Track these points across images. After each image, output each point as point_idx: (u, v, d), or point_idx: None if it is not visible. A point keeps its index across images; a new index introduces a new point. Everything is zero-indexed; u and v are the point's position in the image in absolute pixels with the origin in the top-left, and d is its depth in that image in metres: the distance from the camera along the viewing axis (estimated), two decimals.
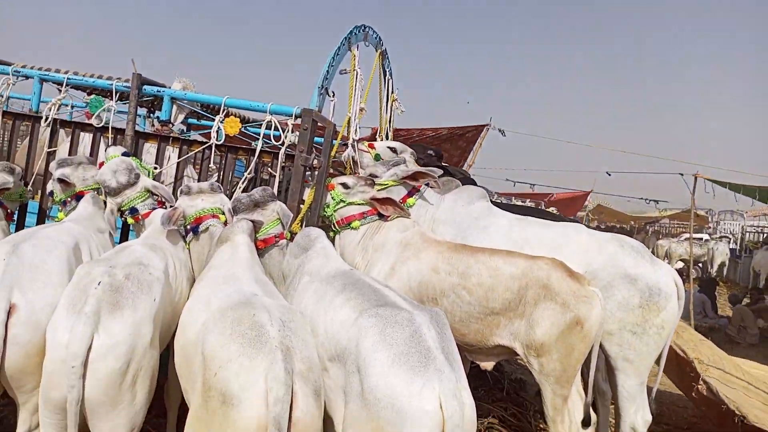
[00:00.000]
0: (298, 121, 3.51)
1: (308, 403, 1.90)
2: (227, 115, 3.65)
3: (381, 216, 3.34)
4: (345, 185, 3.33)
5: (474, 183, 4.61)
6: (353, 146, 3.95)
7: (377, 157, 4.04)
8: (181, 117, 4.35)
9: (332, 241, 3.43)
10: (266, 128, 3.53)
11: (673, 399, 5.89)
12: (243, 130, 3.84)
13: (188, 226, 3.22)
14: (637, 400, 3.35)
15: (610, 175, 12.08)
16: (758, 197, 8.49)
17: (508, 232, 3.54)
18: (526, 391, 5.06)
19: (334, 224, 3.42)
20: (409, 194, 3.68)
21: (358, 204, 3.35)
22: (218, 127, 3.54)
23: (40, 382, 2.26)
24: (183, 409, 2.47)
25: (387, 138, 5.30)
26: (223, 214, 3.22)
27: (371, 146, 4.13)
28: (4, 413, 3.20)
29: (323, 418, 2.08)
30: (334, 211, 3.38)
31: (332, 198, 3.37)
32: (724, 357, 4.83)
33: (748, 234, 21.10)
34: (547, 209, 18.32)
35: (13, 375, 2.35)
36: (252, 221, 3.06)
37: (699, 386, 4.33)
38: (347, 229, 3.37)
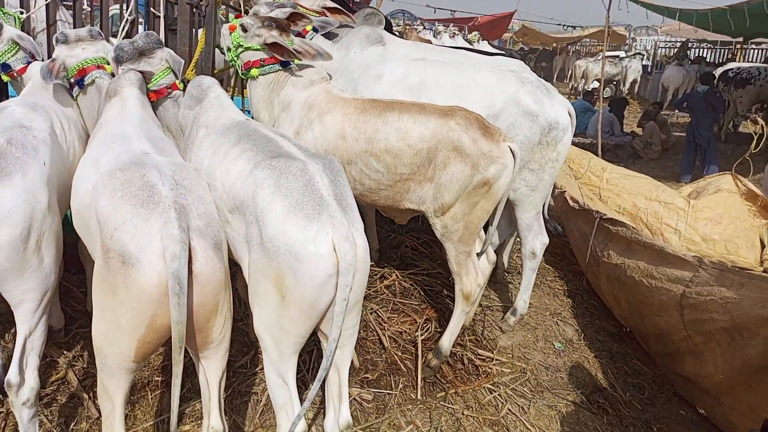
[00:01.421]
0: None
1: (208, 257, 1.97)
2: None
3: (286, 64, 3.03)
4: (243, 27, 2.99)
5: (387, 21, 4.35)
6: None
7: None
8: None
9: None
10: None
11: None
12: None
13: (72, 80, 2.97)
14: (534, 228, 3.64)
15: None
16: (666, 14, 8.60)
17: (403, 79, 3.37)
18: None
19: (239, 70, 3.14)
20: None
21: (255, 49, 3.01)
22: None
23: None
24: None
25: None
26: (109, 64, 2.97)
27: None
28: None
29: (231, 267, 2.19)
30: (236, 56, 3.08)
31: (232, 42, 3.06)
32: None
33: (661, 50, 21.71)
34: (470, 34, 17.93)
35: None
36: (140, 72, 2.85)
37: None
38: (250, 79, 3.10)
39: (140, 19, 3.74)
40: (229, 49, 3.11)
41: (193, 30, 3.26)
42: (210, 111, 2.69)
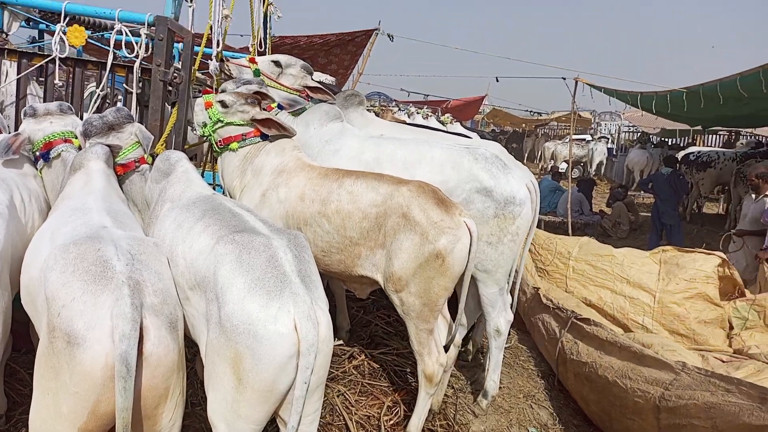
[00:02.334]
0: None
1: (161, 336, 1.87)
2: (70, 23, 3.23)
3: (265, 137, 3.12)
4: (223, 103, 3.07)
5: (357, 96, 4.48)
6: (225, 60, 3.66)
7: (256, 72, 3.79)
8: (16, 26, 3.81)
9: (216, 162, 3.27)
10: (116, 38, 3.17)
11: None
12: (93, 41, 3.43)
13: (37, 153, 2.95)
14: (498, 304, 3.58)
15: (498, 80, 12.33)
16: (630, 101, 9.05)
17: (358, 155, 3.45)
18: None
19: (214, 145, 3.19)
20: None
21: (237, 124, 3.09)
22: (60, 38, 3.13)
23: None
24: None
25: (264, 48, 4.98)
26: (77, 138, 2.96)
27: (252, 60, 3.86)
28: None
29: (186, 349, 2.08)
30: (213, 131, 3.13)
31: (210, 117, 3.11)
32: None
33: (624, 134, 22.75)
34: (443, 115, 18.61)
35: None
36: (108, 146, 2.84)
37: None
38: (227, 151, 3.15)
39: (119, 96, 3.79)
40: (204, 125, 3.15)
41: (166, 106, 3.28)
42: (176, 185, 2.66)
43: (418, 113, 14.75)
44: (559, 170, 14.27)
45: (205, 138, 3.27)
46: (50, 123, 2.95)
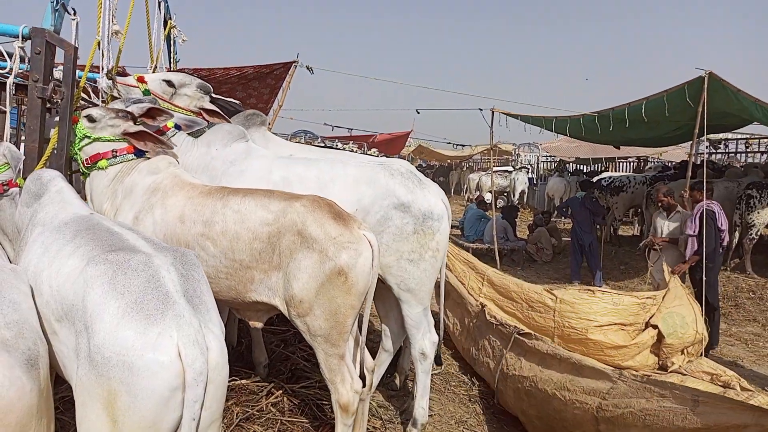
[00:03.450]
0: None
1: (15, 377, 1.57)
2: None
3: (140, 154, 2.86)
4: (90, 118, 2.79)
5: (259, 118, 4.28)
6: (110, 78, 3.39)
7: (146, 92, 3.53)
8: None
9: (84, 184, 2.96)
10: None
11: None
12: None
13: None
14: (423, 325, 3.42)
15: (419, 113, 12.48)
16: (545, 126, 9.34)
17: (266, 175, 3.25)
18: None
19: (81, 165, 2.90)
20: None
21: (107, 140, 2.82)
22: None
23: None
24: None
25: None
26: None
27: (140, 79, 3.59)
28: None
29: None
30: (79, 149, 2.85)
31: (76, 134, 2.83)
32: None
33: (543, 164, 23.72)
34: (369, 150, 18.70)
35: None
36: None
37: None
38: (95, 170, 2.86)
39: None
40: (72, 143, 2.86)
41: (45, 125, 2.96)
42: (49, 207, 2.35)
43: (343, 148, 14.73)
44: (484, 199, 14.57)
45: (72, 157, 2.97)
46: None
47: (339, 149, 5.61)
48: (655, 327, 4.42)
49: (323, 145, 16.21)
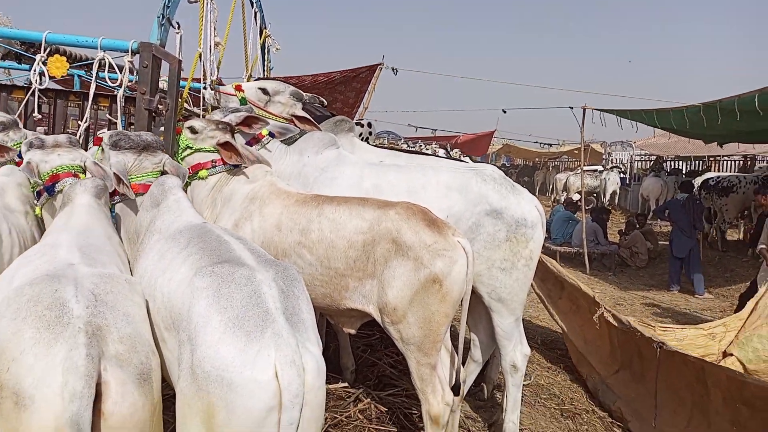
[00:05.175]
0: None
1: (127, 392, 1.60)
2: (51, 54, 3.10)
3: (236, 165, 2.94)
4: (192, 129, 2.90)
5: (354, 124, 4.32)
6: (212, 88, 3.52)
7: (243, 101, 3.65)
8: None
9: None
10: (99, 67, 3.04)
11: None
12: (74, 71, 3.31)
13: (42, 186, 2.75)
14: (515, 336, 3.30)
15: (505, 112, 12.22)
16: (645, 120, 8.78)
17: (358, 182, 3.24)
18: None
19: None
20: (249, 145, 3.19)
21: (207, 151, 2.92)
22: (40, 68, 3.00)
23: None
24: None
25: None
26: (84, 172, 2.76)
27: (238, 88, 3.72)
28: None
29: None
30: (182, 159, 2.96)
31: (179, 144, 2.96)
32: None
33: (637, 163, 22.47)
34: (452, 150, 18.52)
35: None
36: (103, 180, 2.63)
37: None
38: (197, 180, 2.96)
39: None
40: (175, 153, 2.97)
41: None
42: (166, 215, 2.43)
43: (426, 149, 14.67)
44: (573, 200, 14.01)
45: None
46: (58, 155, 2.77)
47: (424, 153, 5.55)
48: (730, 355, 4.05)
49: (407, 145, 16.24)
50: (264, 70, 4.86)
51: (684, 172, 17.51)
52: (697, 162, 19.06)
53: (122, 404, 1.58)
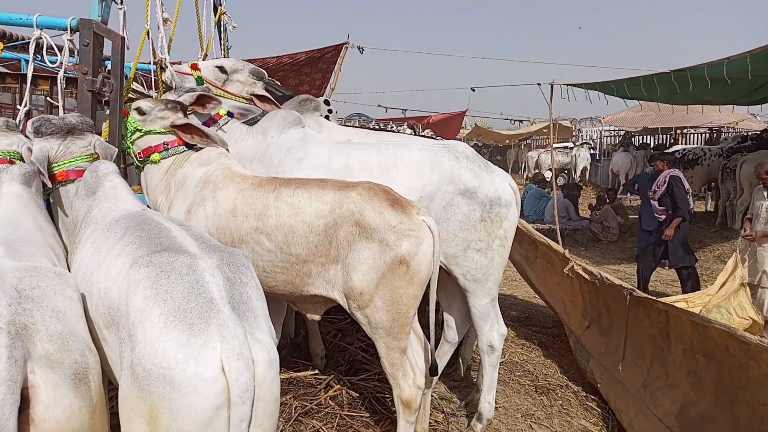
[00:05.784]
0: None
1: (60, 395, 1.48)
2: None
3: (190, 146, 2.79)
4: (140, 110, 2.73)
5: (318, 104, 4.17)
6: (163, 67, 3.33)
7: (199, 80, 3.47)
8: None
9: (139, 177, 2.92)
10: (36, 47, 2.83)
11: (540, 304, 6.13)
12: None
13: None
14: (491, 317, 3.25)
15: (474, 90, 12.08)
16: (615, 91, 8.69)
17: (327, 162, 3.11)
18: None
19: (134, 158, 2.85)
20: (206, 126, 3.02)
21: (158, 132, 2.76)
22: None
23: None
24: None
25: None
26: (22, 159, 2.57)
27: (194, 66, 3.53)
28: None
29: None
30: (131, 143, 2.80)
31: (127, 127, 2.78)
32: None
33: (606, 138, 22.67)
34: (424, 131, 18.42)
35: None
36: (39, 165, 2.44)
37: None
38: (148, 164, 2.81)
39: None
40: (124, 136, 2.80)
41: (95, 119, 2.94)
42: (102, 203, 2.28)
43: (397, 130, 14.50)
44: (544, 177, 14.04)
45: (125, 151, 2.93)
46: None
47: (393, 131, 5.43)
48: None
49: (377, 127, 16.06)
50: (222, 51, 4.66)
51: (652, 146, 17.71)
52: (664, 136, 19.30)
53: (55, 409, 1.46)
